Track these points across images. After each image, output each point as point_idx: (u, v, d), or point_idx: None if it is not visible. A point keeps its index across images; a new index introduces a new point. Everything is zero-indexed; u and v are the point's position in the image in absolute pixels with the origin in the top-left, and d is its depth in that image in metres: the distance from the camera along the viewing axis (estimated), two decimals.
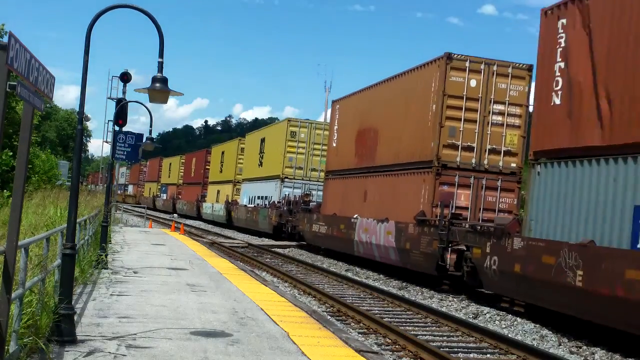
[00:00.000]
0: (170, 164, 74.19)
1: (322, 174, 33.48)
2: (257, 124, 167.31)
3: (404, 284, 20.28)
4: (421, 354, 10.59)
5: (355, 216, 24.93)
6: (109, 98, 35.84)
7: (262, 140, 42.13)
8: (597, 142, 13.16)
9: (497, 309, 15.77)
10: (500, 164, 20.09)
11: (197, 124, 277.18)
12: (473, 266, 16.74)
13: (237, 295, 12.73)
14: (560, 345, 12.50)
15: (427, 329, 13.35)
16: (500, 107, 19.98)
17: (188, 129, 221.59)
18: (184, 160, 68.76)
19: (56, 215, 20.04)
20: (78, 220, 10.46)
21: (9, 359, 6.43)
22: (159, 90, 8.49)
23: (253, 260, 24.50)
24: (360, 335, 12.10)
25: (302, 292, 17.33)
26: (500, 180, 19.99)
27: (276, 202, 37.04)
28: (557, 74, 14.57)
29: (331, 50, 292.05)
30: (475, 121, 20.03)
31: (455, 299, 17.34)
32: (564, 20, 14.51)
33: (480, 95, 19.88)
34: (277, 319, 10.42)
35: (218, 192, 51.98)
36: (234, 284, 14.37)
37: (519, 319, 14.61)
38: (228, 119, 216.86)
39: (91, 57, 8.41)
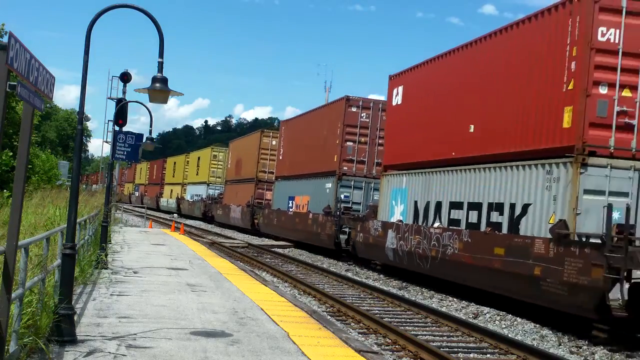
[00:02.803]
0: (141, 168, 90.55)
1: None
2: (257, 124, 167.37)
3: (404, 283, 20.29)
4: (421, 354, 10.59)
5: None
6: (109, 98, 35.89)
7: (198, 158, 61.44)
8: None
9: (496, 308, 15.76)
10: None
11: (197, 124, 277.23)
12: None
13: (237, 295, 12.73)
14: (560, 345, 12.50)
15: (427, 329, 13.35)
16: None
17: (188, 129, 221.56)
18: (149, 166, 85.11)
19: (55, 215, 20.04)
20: (78, 220, 10.45)
21: (9, 359, 6.42)
22: (159, 90, 8.49)
23: (253, 260, 24.50)
24: (360, 335, 12.10)
25: (302, 292, 17.33)
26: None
27: (204, 198, 55.50)
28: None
29: (331, 50, 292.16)
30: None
31: (455, 299, 17.34)
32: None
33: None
34: (277, 319, 10.42)
35: (171, 190, 70.05)
36: (234, 284, 14.37)
37: (519, 319, 14.61)
38: (228, 119, 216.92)
39: (91, 57, 8.42)
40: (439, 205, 19.41)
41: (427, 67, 21.23)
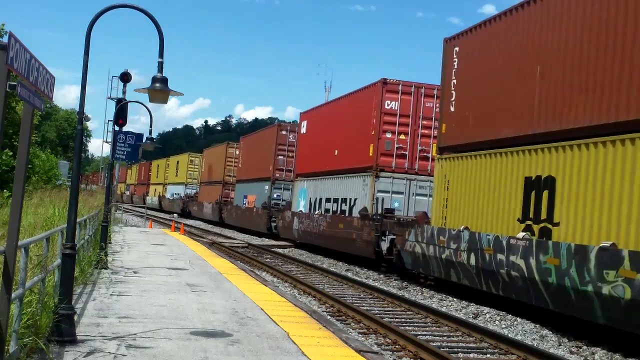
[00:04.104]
0: (132, 170, 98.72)
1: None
2: (257, 123, 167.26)
3: (404, 283, 20.29)
4: (421, 353, 10.60)
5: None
6: (109, 98, 35.85)
7: (177, 162, 70.31)
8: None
9: (496, 308, 15.76)
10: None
11: (197, 124, 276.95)
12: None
13: (237, 295, 12.73)
14: (560, 345, 12.50)
15: (427, 329, 13.35)
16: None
17: (188, 129, 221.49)
18: (138, 168, 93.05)
19: (54, 215, 20.05)
20: (78, 220, 10.45)
21: (9, 359, 6.42)
22: (159, 90, 8.49)
23: (253, 260, 24.50)
24: (360, 335, 12.10)
25: (302, 292, 17.34)
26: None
27: (182, 196, 64.18)
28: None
29: (331, 50, 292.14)
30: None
31: (455, 299, 17.34)
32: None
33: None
34: (277, 319, 10.42)
35: (155, 189, 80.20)
36: (234, 284, 14.37)
37: (519, 319, 14.61)
38: (228, 119, 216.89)
39: (91, 57, 8.42)
40: (320, 200, 30.08)
41: (318, 110, 33.20)
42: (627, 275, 11.30)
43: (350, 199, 26.28)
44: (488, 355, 11.26)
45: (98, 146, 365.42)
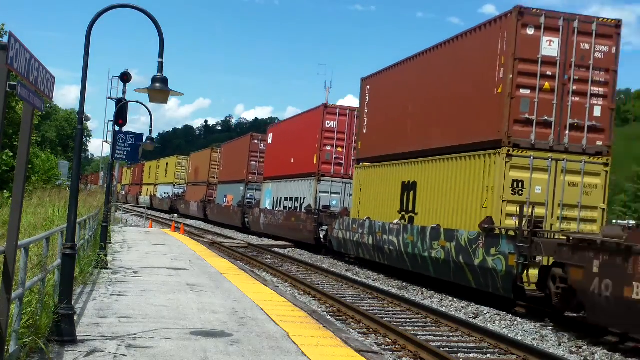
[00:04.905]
0: (127, 171, 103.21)
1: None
2: (257, 123, 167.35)
3: (404, 284, 20.29)
4: (421, 353, 10.59)
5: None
6: (109, 98, 35.78)
7: (167, 164, 75.85)
8: None
9: (496, 309, 15.76)
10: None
11: (197, 124, 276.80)
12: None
13: (237, 295, 12.73)
14: (560, 345, 12.50)
15: (427, 329, 13.35)
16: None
17: (188, 129, 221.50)
18: (132, 170, 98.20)
19: (54, 215, 20.04)
20: (78, 220, 10.45)
21: (9, 359, 6.42)
22: (159, 90, 8.49)
23: (253, 260, 24.50)
24: (360, 335, 12.10)
25: (302, 292, 17.33)
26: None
27: (170, 195, 69.72)
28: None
29: (331, 50, 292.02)
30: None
31: (455, 299, 17.34)
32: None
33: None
34: (277, 319, 10.42)
35: (147, 189, 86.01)
36: (234, 284, 14.37)
37: (519, 319, 14.61)
38: (228, 119, 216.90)
39: (91, 57, 8.42)
40: (280, 199, 36.60)
41: (280, 125, 41.90)
42: (442, 244, 18.12)
43: (301, 198, 33.09)
44: (488, 355, 11.25)
45: (98, 146, 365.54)
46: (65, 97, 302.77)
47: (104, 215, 18.05)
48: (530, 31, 16.43)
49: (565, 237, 14.13)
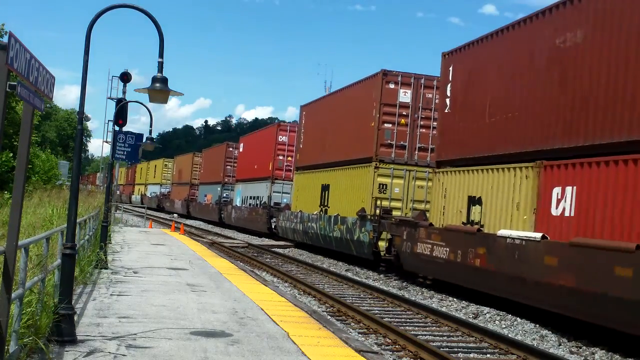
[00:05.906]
0: (121, 172, 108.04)
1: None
2: (257, 123, 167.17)
3: (404, 283, 20.30)
4: (421, 353, 10.59)
5: None
6: (109, 98, 35.85)
7: (155, 166, 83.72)
8: None
9: (496, 308, 15.77)
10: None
11: (198, 124, 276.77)
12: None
13: (237, 295, 12.73)
14: (560, 345, 12.50)
15: (427, 329, 13.35)
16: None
17: (188, 129, 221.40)
18: (126, 170, 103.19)
19: (53, 215, 20.05)
20: (77, 220, 10.45)
21: (9, 359, 6.42)
22: (159, 90, 8.48)
23: (253, 260, 24.50)
24: (360, 335, 12.10)
25: (302, 292, 17.33)
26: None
27: (158, 194, 77.84)
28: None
29: (331, 50, 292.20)
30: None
31: (455, 299, 17.35)
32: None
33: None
34: (277, 319, 10.42)
35: (139, 189, 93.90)
36: (234, 284, 14.37)
37: (519, 319, 14.61)
38: (228, 119, 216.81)
39: (91, 57, 8.42)
40: (247, 197, 43.60)
41: (249, 137, 48.14)
42: (339, 227, 25.77)
43: (260, 197, 40.51)
44: (488, 355, 11.25)
45: (98, 146, 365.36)
46: (65, 97, 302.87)
47: (104, 215, 18.06)
48: (391, 85, 24.31)
49: (394, 219, 21.78)
